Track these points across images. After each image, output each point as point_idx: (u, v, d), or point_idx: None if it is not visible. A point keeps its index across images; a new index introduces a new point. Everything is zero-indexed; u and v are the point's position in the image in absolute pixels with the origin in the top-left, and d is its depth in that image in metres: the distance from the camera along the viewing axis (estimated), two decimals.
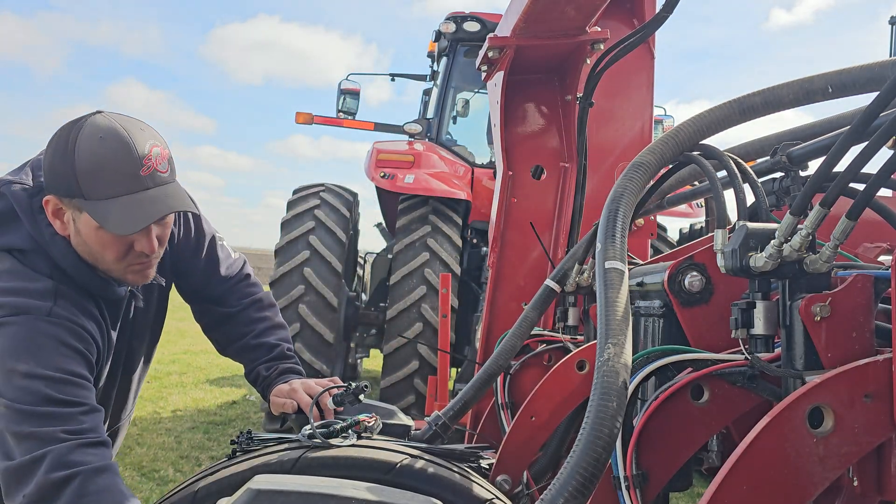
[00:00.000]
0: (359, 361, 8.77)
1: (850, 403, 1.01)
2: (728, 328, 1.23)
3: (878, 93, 1.06)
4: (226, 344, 2.15)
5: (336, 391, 1.81)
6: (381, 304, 6.81)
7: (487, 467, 1.71)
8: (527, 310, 1.90)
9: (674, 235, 7.59)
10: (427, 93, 9.01)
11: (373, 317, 7.00)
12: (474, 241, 7.10)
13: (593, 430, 1.00)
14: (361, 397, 1.77)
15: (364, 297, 7.77)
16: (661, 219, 6.75)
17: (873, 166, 1.09)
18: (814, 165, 1.45)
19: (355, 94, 8.45)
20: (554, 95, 3.03)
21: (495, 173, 3.27)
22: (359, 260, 8.35)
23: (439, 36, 7.67)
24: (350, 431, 1.56)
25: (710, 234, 1.74)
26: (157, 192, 1.62)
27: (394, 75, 9.65)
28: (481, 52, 2.80)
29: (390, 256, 6.49)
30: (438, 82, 7.89)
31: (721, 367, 1.24)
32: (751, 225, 1.18)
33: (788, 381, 1.14)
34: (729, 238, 1.22)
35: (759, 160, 1.72)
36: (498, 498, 1.46)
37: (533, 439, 1.78)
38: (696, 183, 2.21)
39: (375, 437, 1.61)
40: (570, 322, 2.38)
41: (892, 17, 5.75)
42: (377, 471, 1.41)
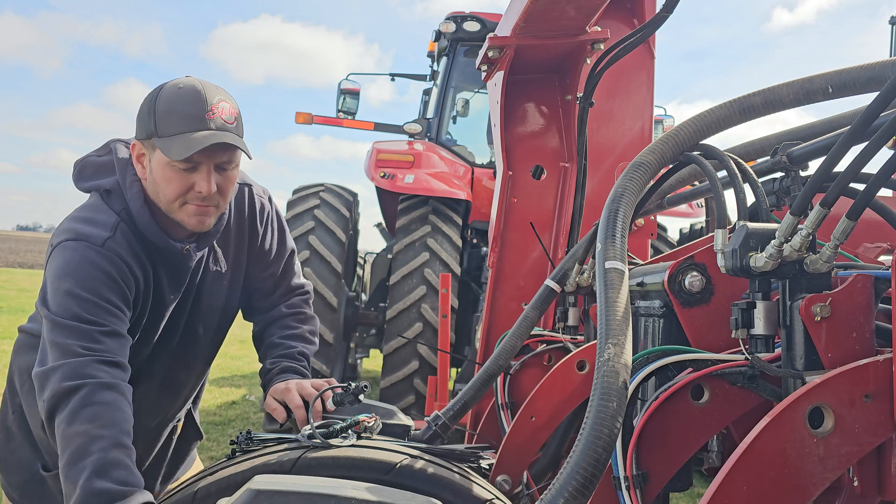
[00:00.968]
0: (358, 361, 8.76)
1: (850, 403, 1.01)
2: (728, 328, 1.23)
3: (878, 93, 1.06)
4: (257, 330, 2.28)
5: (333, 392, 1.81)
6: (381, 305, 6.81)
7: (487, 467, 1.71)
8: (527, 310, 1.90)
9: (674, 235, 7.59)
10: (427, 93, 9.01)
11: (372, 317, 7.00)
12: (474, 241, 7.10)
13: (593, 430, 1.00)
14: (361, 397, 1.77)
15: (364, 297, 7.77)
16: (661, 219, 6.75)
17: (873, 166, 1.09)
18: (814, 165, 1.45)
19: (355, 94, 8.45)
20: (554, 95, 3.03)
21: (495, 173, 3.27)
22: (359, 260, 8.35)
23: (439, 36, 7.67)
24: (350, 431, 1.56)
25: (710, 234, 1.74)
26: (216, 133, 1.81)
27: (394, 75, 9.66)
28: (481, 52, 2.80)
29: (390, 256, 6.49)
30: (438, 82, 7.89)
31: (721, 368, 1.24)
32: (751, 225, 1.18)
33: (789, 381, 1.14)
34: (729, 238, 1.22)
35: (760, 160, 1.72)
36: (498, 498, 1.46)
37: (533, 439, 1.78)
38: (696, 183, 2.21)
39: (375, 437, 1.61)
40: (571, 322, 2.38)
41: (893, 17, 5.75)
42: (377, 471, 1.41)
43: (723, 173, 1.37)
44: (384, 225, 8.78)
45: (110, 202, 1.94)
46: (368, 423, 1.60)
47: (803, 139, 1.62)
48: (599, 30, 2.64)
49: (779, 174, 1.58)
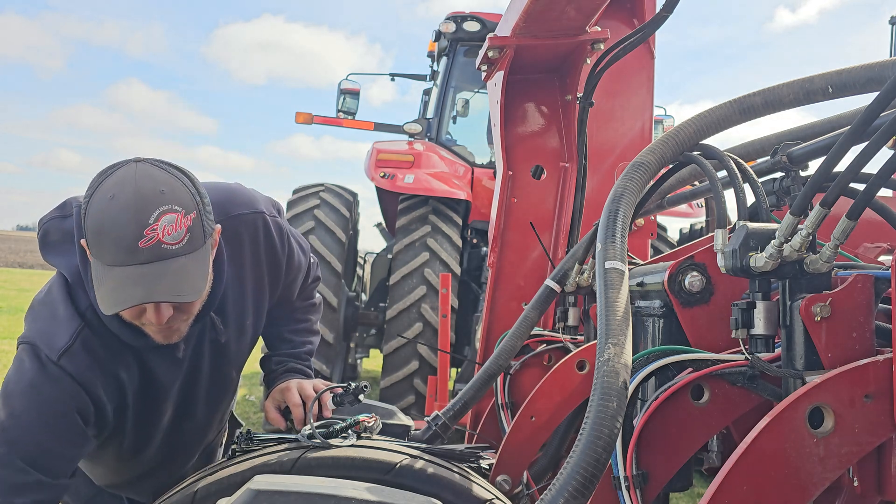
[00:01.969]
0: (358, 361, 8.76)
1: (850, 403, 1.01)
2: (728, 328, 1.23)
3: (878, 93, 1.06)
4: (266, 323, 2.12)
5: (333, 393, 1.81)
6: (381, 305, 6.81)
7: (487, 467, 1.71)
8: (527, 310, 1.90)
9: (674, 235, 7.59)
10: (427, 93, 9.01)
11: (372, 317, 7.00)
12: (474, 241, 7.10)
13: (593, 430, 1.00)
14: (361, 397, 1.77)
15: (364, 297, 7.77)
16: (661, 219, 6.75)
17: (873, 166, 1.09)
18: (814, 165, 1.45)
19: (355, 93, 8.45)
20: (554, 95, 3.03)
21: (495, 173, 3.27)
22: (359, 260, 8.35)
23: (439, 36, 7.67)
24: (350, 431, 1.56)
25: (710, 234, 1.74)
26: (152, 269, 1.44)
27: (394, 75, 9.66)
28: (481, 52, 2.80)
29: (390, 256, 6.49)
30: (438, 82, 7.89)
31: (721, 368, 1.24)
32: (751, 225, 1.18)
33: (789, 381, 1.14)
34: (729, 238, 1.22)
35: (760, 160, 1.72)
36: (498, 498, 1.46)
37: (533, 439, 1.78)
38: (696, 183, 2.21)
39: (375, 437, 1.61)
40: (571, 322, 2.38)
41: (893, 17, 5.75)
42: (377, 471, 1.41)
43: (723, 173, 1.37)
44: (384, 225, 8.77)
45: (74, 296, 1.62)
46: (368, 423, 1.60)
47: (803, 139, 1.62)
48: (599, 30, 2.63)
49: (779, 174, 1.58)
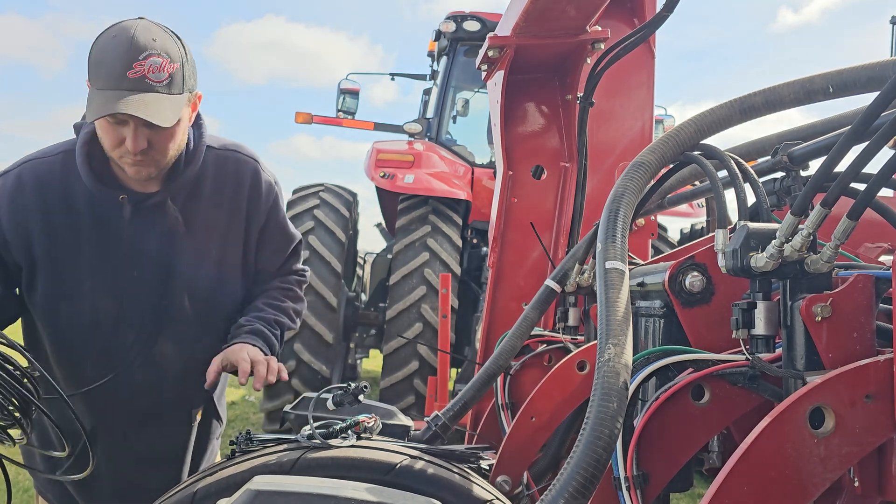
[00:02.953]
0: (358, 362, 8.77)
1: (851, 404, 1.01)
2: (729, 328, 1.22)
3: (878, 92, 1.06)
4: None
5: (333, 393, 1.81)
6: (381, 305, 6.81)
7: (487, 468, 1.71)
8: (527, 310, 1.90)
9: (674, 235, 7.60)
10: (427, 92, 9.01)
11: (372, 317, 7.01)
12: (474, 241, 7.10)
13: (594, 430, 0.99)
14: (361, 398, 1.77)
15: (364, 297, 7.77)
16: (661, 219, 6.75)
17: (874, 166, 1.09)
18: (815, 165, 1.45)
19: (355, 93, 8.46)
20: (554, 95, 3.03)
21: (495, 173, 3.27)
22: (358, 260, 8.36)
23: (439, 35, 7.67)
24: (349, 432, 1.56)
25: (710, 234, 1.74)
26: (133, 95, 1.73)
27: (394, 74, 9.67)
28: (481, 52, 2.79)
29: (390, 256, 6.49)
30: (438, 82, 7.89)
31: (722, 368, 1.24)
32: (752, 225, 1.18)
33: (789, 381, 1.14)
34: (730, 238, 1.22)
35: (760, 160, 1.72)
36: (498, 499, 1.45)
37: (533, 440, 1.78)
38: (696, 183, 2.21)
39: (375, 437, 1.61)
40: (571, 322, 2.38)
41: (893, 17, 5.75)
42: (377, 471, 1.41)
43: (723, 173, 1.37)
44: (384, 225, 8.78)
45: (67, 143, 1.98)
46: (368, 423, 1.60)
47: (804, 139, 1.62)
48: (600, 29, 2.63)
49: (779, 174, 1.58)
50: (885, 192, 1.25)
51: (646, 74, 3.15)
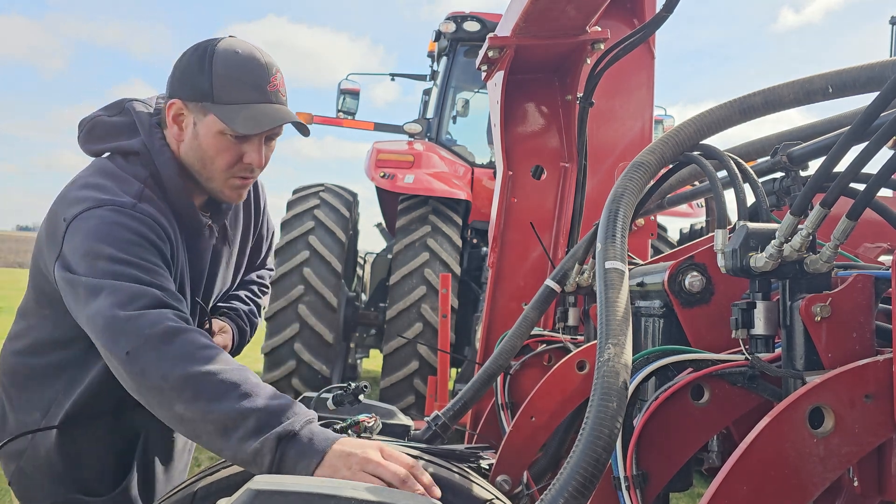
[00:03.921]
0: (358, 362, 8.77)
1: (850, 404, 1.01)
2: (728, 328, 1.22)
3: (878, 93, 1.06)
4: None
5: (333, 393, 1.81)
6: (381, 305, 6.81)
7: (487, 467, 1.71)
8: (527, 310, 1.90)
9: (674, 235, 7.59)
10: (427, 93, 9.01)
11: (372, 317, 7.01)
12: (474, 241, 7.11)
13: (593, 430, 1.00)
14: (361, 397, 1.77)
15: (364, 297, 7.78)
16: (661, 219, 6.75)
17: (874, 166, 1.09)
18: (814, 165, 1.45)
19: (355, 94, 8.46)
20: (554, 95, 3.03)
21: (495, 173, 3.27)
22: (359, 260, 8.35)
23: (439, 36, 7.67)
24: (350, 432, 1.56)
25: (710, 234, 1.74)
26: (278, 107, 1.76)
27: (394, 75, 9.67)
28: (481, 52, 2.80)
29: (390, 256, 6.49)
30: (438, 82, 7.89)
31: (721, 368, 1.24)
32: (751, 225, 1.18)
33: (789, 381, 1.14)
34: (729, 238, 1.22)
35: (760, 160, 1.72)
36: (498, 498, 1.46)
37: (533, 439, 1.78)
38: (696, 183, 2.21)
39: (375, 437, 1.61)
40: (571, 322, 2.38)
41: (893, 17, 5.76)
42: None
43: (723, 173, 1.37)
44: (384, 225, 8.78)
45: (132, 167, 1.77)
46: (368, 423, 1.60)
47: (803, 139, 1.62)
48: (599, 30, 2.63)
49: (779, 174, 1.58)
50: (884, 192, 1.25)
51: (645, 75, 3.15)
